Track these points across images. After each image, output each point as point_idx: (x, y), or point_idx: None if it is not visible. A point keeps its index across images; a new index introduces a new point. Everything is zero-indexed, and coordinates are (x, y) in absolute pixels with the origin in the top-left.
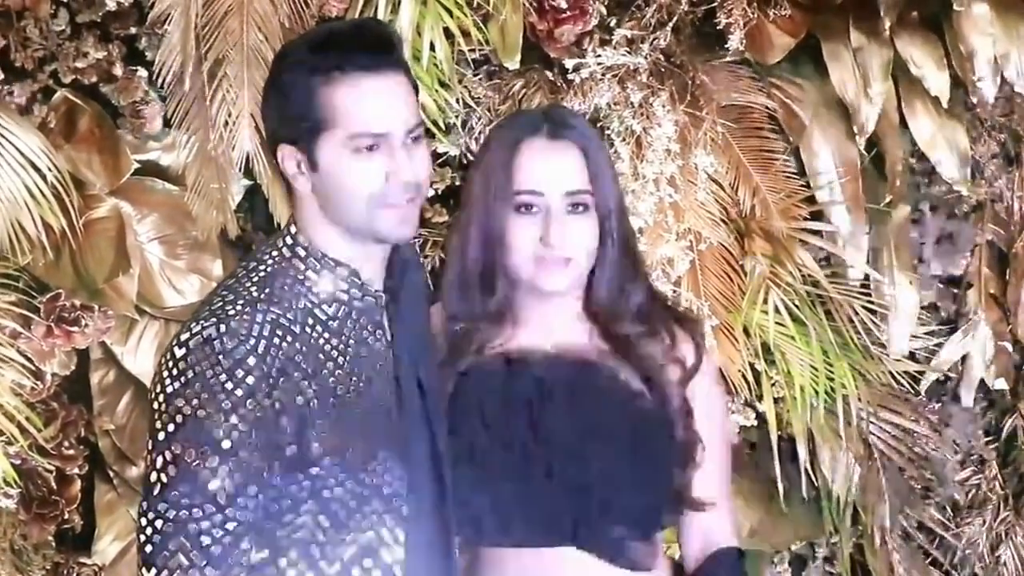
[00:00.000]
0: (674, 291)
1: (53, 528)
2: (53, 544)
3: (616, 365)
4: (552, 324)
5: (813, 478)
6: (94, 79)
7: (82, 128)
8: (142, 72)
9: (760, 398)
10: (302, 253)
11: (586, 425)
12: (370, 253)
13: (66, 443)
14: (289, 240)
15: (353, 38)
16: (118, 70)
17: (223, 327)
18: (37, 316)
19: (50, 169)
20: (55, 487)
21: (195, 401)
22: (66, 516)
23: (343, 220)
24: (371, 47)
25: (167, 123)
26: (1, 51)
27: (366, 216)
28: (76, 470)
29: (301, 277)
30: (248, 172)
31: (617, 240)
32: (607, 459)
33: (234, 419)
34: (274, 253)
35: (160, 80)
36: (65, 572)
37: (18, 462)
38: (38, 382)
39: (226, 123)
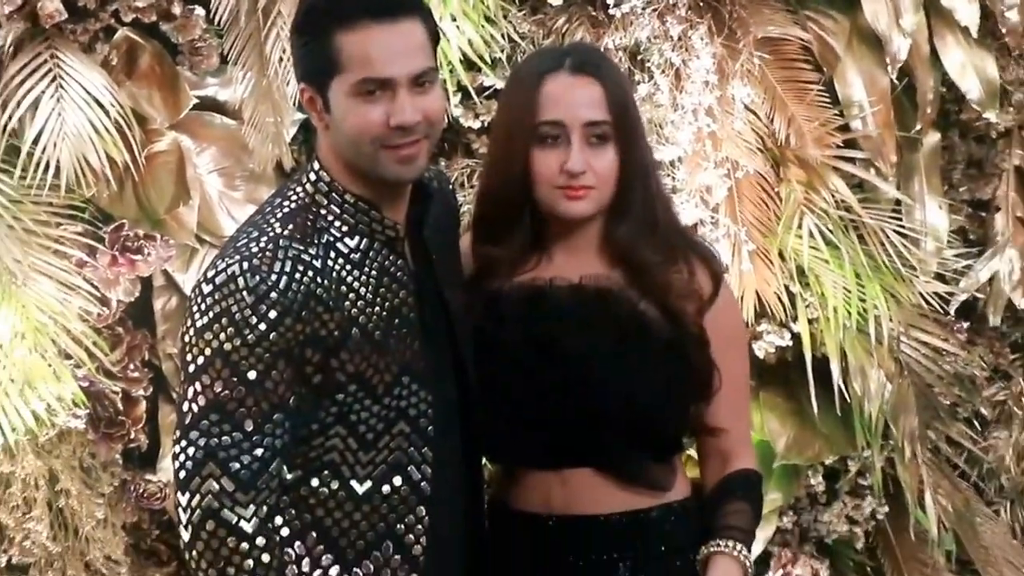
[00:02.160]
0: (712, 217)
1: (120, 447)
2: (120, 462)
3: (635, 294)
4: (577, 254)
5: (846, 395)
6: (153, 18)
7: (143, 65)
8: (199, 10)
9: (795, 319)
10: (324, 188)
11: (604, 352)
12: (388, 187)
13: (131, 366)
14: (312, 176)
15: None
16: (176, 9)
17: (246, 264)
18: (102, 246)
19: (113, 105)
20: (121, 408)
21: (222, 335)
22: (132, 436)
23: (353, 159)
24: None
25: (224, 59)
26: None
27: (370, 157)
28: (141, 392)
29: (324, 212)
30: (302, 106)
31: (637, 171)
32: (624, 385)
33: (259, 351)
34: (298, 189)
35: (217, 18)
36: (132, 488)
37: (86, 384)
38: (104, 308)
39: (280, 59)
